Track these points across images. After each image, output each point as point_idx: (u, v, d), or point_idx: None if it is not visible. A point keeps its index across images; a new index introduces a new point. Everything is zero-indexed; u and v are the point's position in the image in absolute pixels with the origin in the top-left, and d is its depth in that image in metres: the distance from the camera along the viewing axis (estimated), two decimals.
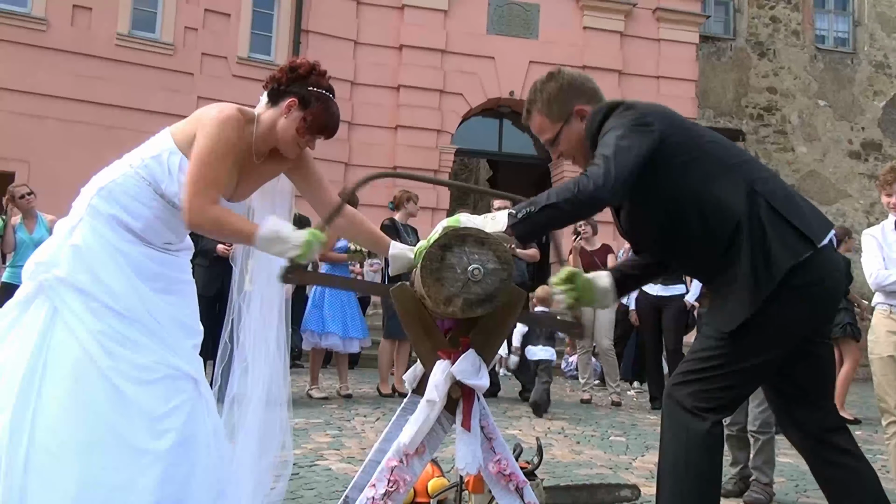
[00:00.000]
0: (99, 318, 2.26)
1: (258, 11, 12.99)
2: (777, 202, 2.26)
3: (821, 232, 2.28)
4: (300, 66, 2.50)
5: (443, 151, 13.84)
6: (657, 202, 2.32)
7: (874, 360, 3.87)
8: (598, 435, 5.70)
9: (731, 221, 2.24)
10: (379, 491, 2.11)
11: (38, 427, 2.17)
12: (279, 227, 2.33)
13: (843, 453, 2.36)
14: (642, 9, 14.75)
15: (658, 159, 2.26)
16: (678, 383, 2.34)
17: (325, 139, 2.55)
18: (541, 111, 2.50)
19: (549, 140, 2.53)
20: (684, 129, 2.36)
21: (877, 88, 17.60)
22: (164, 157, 2.41)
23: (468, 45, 14.03)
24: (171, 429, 2.28)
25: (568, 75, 2.51)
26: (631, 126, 2.26)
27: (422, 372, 2.39)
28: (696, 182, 2.28)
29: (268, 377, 2.60)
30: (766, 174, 2.38)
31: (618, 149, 2.21)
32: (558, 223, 2.27)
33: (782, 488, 4.10)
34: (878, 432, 5.56)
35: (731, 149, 2.40)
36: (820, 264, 2.24)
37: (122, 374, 2.25)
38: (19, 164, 10.76)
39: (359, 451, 4.50)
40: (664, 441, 2.34)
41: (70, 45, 11.54)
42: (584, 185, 2.17)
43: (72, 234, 2.34)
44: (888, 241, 3.88)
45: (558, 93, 2.47)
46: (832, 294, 2.32)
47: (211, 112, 2.41)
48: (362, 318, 7.30)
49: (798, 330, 2.28)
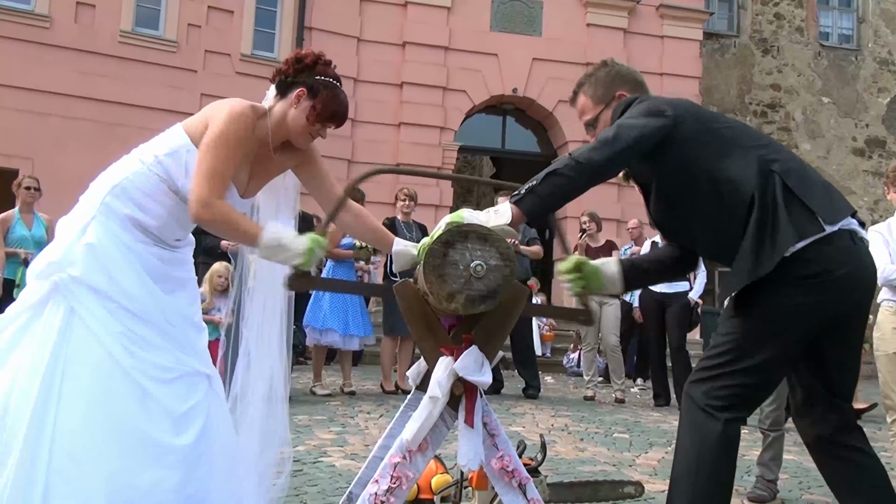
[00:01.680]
0: (117, 319, 2.25)
1: (261, 8, 12.99)
2: (791, 181, 2.25)
3: (835, 216, 2.23)
4: (306, 57, 2.51)
5: (446, 148, 13.83)
6: (676, 184, 2.37)
7: (880, 357, 3.86)
8: (601, 432, 5.70)
9: (745, 198, 2.24)
10: (382, 487, 2.11)
11: (60, 430, 2.13)
12: (281, 234, 2.32)
13: (854, 450, 2.34)
14: (646, 5, 14.73)
15: (674, 143, 2.31)
16: (694, 381, 2.34)
17: (336, 127, 2.56)
18: (586, 93, 2.64)
19: (588, 121, 2.64)
20: (700, 116, 2.40)
21: (881, 85, 17.55)
22: (181, 153, 2.39)
23: (471, 42, 14.02)
24: (192, 428, 2.29)
25: (618, 65, 2.67)
26: (643, 111, 2.33)
27: (425, 368, 2.39)
28: (710, 162, 2.31)
29: (269, 374, 2.60)
30: (786, 155, 2.35)
31: (620, 125, 2.30)
32: (562, 191, 2.24)
33: (786, 485, 4.09)
34: (883, 429, 5.55)
35: (750, 132, 2.43)
36: (828, 255, 2.20)
37: (144, 373, 2.25)
38: (22, 161, 10.77)
39: (362, 448, 4.50)
40: (679, 439, 2.34)
41: (73, 42, 11.56)
42: (582, 153, 2.24)
43: (85, 233, 2.30)
44: (895, 237, 3.87)
45: (605, 77, 2.62)
46: (843, 287, 2.23)
47: (223, 107, 2.41)
48: (365, 314, 7.28)
49: (805, 322, 2.24)
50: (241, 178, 2.49)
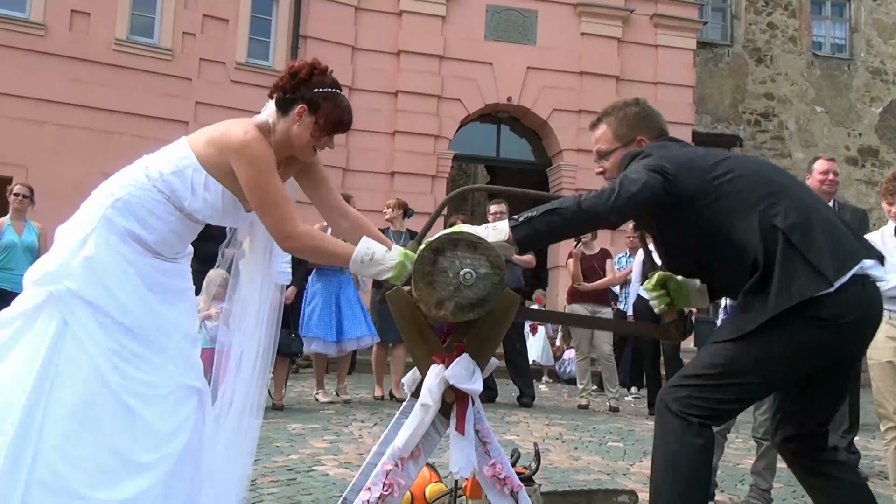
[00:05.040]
0: (109, 335, 2.25)
1: (256, 17, 12.99)
2: (795, 236, 2.21)
3: (842, 267, 2.19)
4: (300, 70, 2.48)
5: (440, 157, 13.84)
6: (679, 242, 2.41)
7: (873, 366, 3.86)
8: (595, 440, 5.69)
9: (747, 261, 2.24)
10: (374, 494, 2.11)
11: (45, 442, 2.14)
12: (373, 249, 2.37)
13: (833, 465, 2.38)
14: (640, 15, 14.78)
15: (674, 202, 2.31)
16: (672, 387, 2.35)
17: (342, 133, 2.56)
18: (610, 124, 2.62)
19: (601, 152, 2.64)
20: (702, 172, 2.36)
21: (874, 94, 17.64)
22: (187, 173, 2.39)
23: (466, 50, 14.04)
24: (176, 447, 2.29)
25: (650, 108, 2.66)
26: (645, 167, 2.34)
27: (421, 376, 2.39)
28: (711, 223, 2.31)
29: (246, 386, 2.59)
30: (789, 205, 2.28)
31: (625, 178, 2.30)
32: (556, 230, 2.31)
33: (780, 494, 4.10)
34: (876, 438, 5.56)
35: (751, 181, 2.35)
36: (838, 302, 2.18)
37: (130, 391, 2.25)
38: (17, 169, 10.73)
39: (356, 457, 4.49)
40: (655, 444, 2.35)
41: (68, 50, 11.54)
42: (586, 199, 2.26)
43: (84, 245, 2.30)
44: (888, 247, 3.88)
45: (634, 118, 2.61)
46: (849, 334, 2.23)
47: (235, 136, 2.39)
48: (365, 313, 7.23)
49: (803, 363, 2.26)
50: None
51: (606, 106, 2.70)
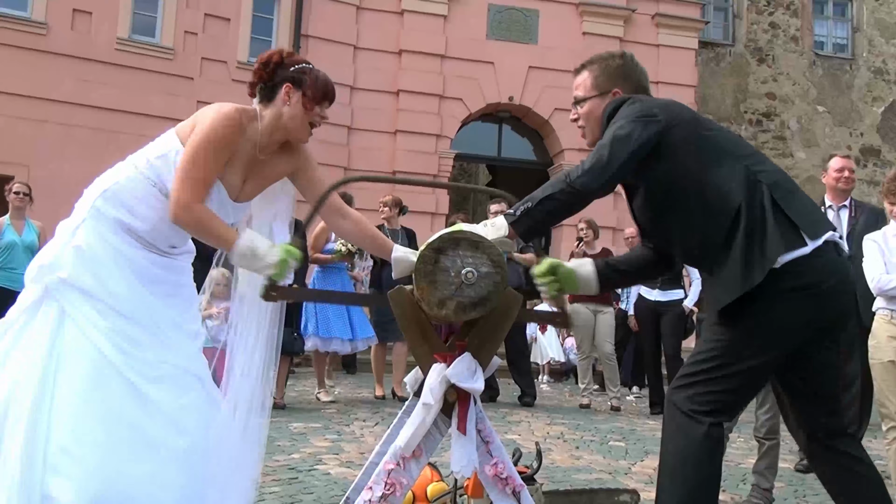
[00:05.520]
0: (106, 318, 2.28)
1: (258, 16, 13.00)
2: (778, 193, 2.27)
3: (817, 230, 2.25)
4: (271, 57, 2.55)
5: (442, 156, 13.84)
6: (663, 189, 2.37)
7: (875, 366, 3.86)
8: (597, 440, 5.69)
9: (731, 207, 2.25)
10: (376, 494, 2.11)
11: (55, 429, 2.17)
12: (255, 243, 2.34)
13: (848, 457, 2.35)
14: (641, 14, 14.77)
15: (663, 148, 2.31)
16: (677, 387, 2.35)
17: (329, 105, 2.59)
18: (591, 72, 2.63)
19: (577, 98, 2.65)
20: (690, 122, 2.39)
21: (875, 94, 17.62)
22: (171, 156, 2.42)
23: (468, 50, 14.04)
24: (187, 426, 2.31)
25: (634, 64, 2.64)
26: (634, 117, 2.32)
27: (423, 375, 2.39)
28: (698, 169, 2.31)
29: (251, 385, 2.58)
30: (771, 167, 2.38)
31: (614, 139, 2.28)
32: (556, 214, 2.30)
33: (781, 493, 4.09)
34: (878, 437, 5.55)
35: (738, 141, 2.44)
36: (817, 267, 2.22)
37: (135, 370, 2.28)
38: (19, 168, 10.74)
39: (358, 456, 4.49)
40: (663, 445, 2.34)
41: (70, 49, 11.55)
42: (575, 175, 2.26)
43: (74, 236, 2.34)
44: (889, 247, 3.87)
45: (615, 70, 2.60)
46: (832, 298, 2.26)
47: (209, 111, 2.44)
48: (363, 320, 7.24)
49: (796, 334, 2.26)
50: (233, 181, 2.50)
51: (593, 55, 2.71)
